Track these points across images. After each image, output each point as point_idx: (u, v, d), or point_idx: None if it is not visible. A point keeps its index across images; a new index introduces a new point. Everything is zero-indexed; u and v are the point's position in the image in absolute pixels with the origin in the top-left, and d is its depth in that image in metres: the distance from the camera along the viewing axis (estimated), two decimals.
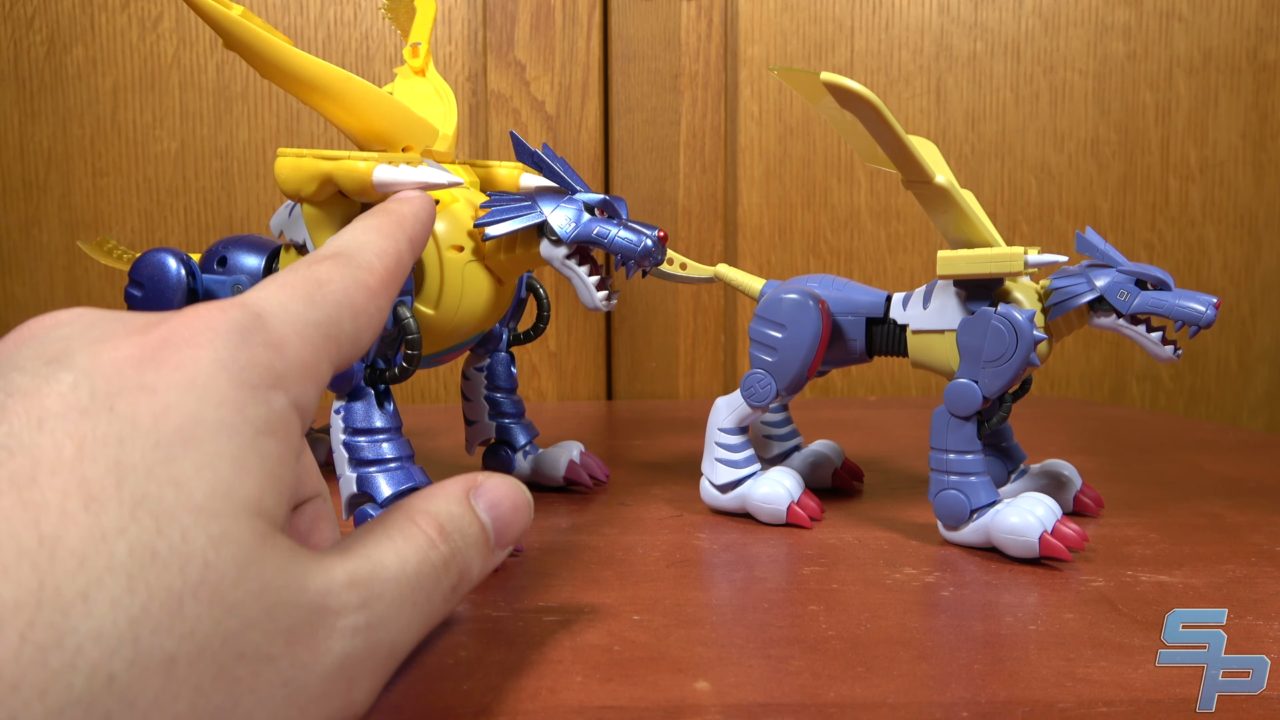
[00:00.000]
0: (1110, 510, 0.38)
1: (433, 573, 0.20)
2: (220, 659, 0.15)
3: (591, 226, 0.33)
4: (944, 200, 0.33)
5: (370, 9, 0.69)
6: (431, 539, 0.21)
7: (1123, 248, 0.72)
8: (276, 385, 0.18)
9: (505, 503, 0.23)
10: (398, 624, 0.19)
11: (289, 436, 0.18)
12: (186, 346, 0.17)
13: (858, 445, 0.51)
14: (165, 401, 0.16)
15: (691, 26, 0.70)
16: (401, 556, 0.20)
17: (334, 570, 0.18)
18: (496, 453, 0.42)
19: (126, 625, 0.14)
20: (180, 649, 0.15)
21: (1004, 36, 0.71)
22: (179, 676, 0.15)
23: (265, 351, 0.18)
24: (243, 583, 0.16)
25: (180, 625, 0.15)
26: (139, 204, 0.70)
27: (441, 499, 0.22)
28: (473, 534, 0.22)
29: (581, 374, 0.73)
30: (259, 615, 0.16)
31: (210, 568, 0.16)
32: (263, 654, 0.16)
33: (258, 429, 0.17)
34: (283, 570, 0.17)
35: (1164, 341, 0.33)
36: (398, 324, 0.32)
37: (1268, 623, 0.27)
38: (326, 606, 0.17)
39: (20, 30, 0.68)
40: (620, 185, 0.71)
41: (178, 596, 0.15)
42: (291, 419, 0.18)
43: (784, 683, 0.23)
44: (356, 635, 0.18)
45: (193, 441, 0.16)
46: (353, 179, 0.30)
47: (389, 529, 0.21)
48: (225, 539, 0.16)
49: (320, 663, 0.17)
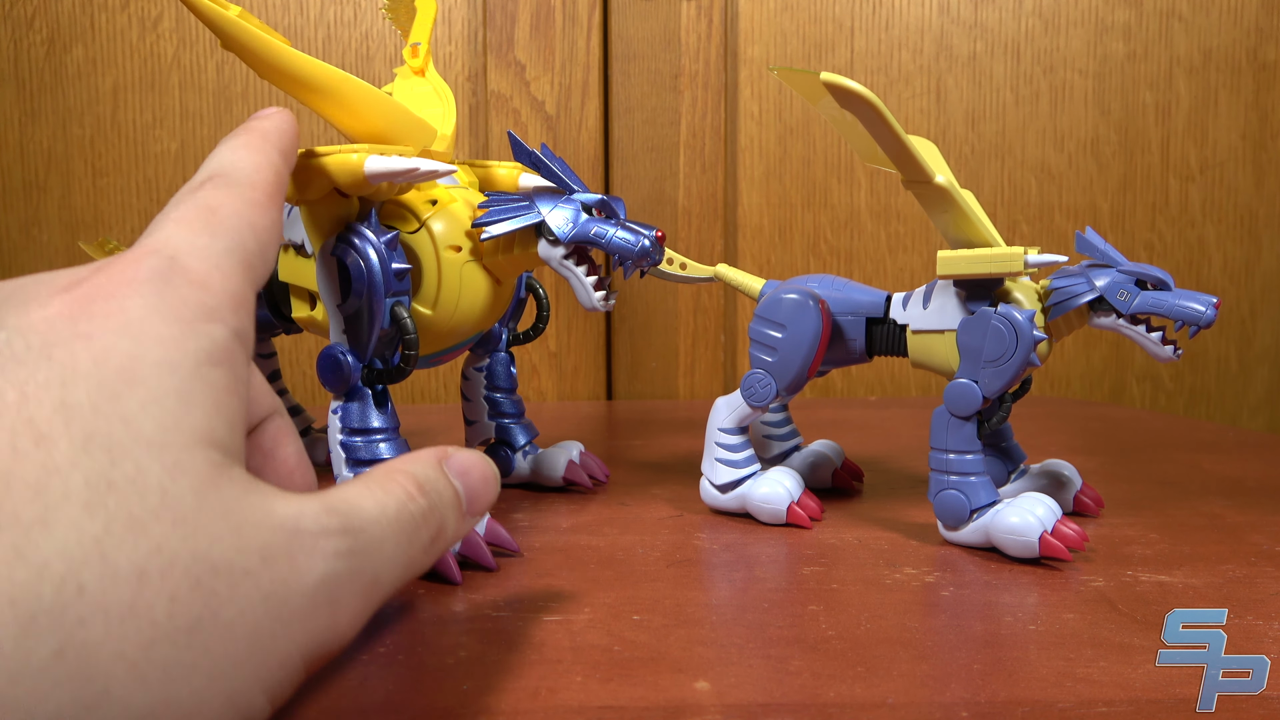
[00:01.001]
0: (1110, 510, 0.38)
1: (412, 520, 0.21)
2: (194, 572, 0.16)
3: (589, 227, 0.33)
4: (944, 200, 0.33)
5: (370, 9, 0.69)
6: (410, 492, 0.21)
7: (1123, 248, 0.72)
8: (211, 318, 0.18)
9: (474, 472, 0.23)
10: (381, 556, 0.19)
11: (234, 365, 0.18)
12: (113, 297, 0.18)
13: (858, 445, 0.51)
14: (103, 345, 0.17)
15: (691, 26, 0.70)
16: (381, 502, 0.20)
17: (304, 501, 0.18)
18: (496, 453, 0.42)
19: (91, 542, 0.15)
20: (149, 563, 0.15)
21: (1004, 36, 0.71)
22: (152, 586, 0.15)
23: (191, 290, 0.19)
24: (204, 508, 0.16)
25: (146, 542, 0.15)
26: (139, 204, 0.70)
27: (416, 462, 0.22)
28: (448, 495, 0.22)
29: (581, 374, 0.73)
30: (226, 533, 0.16)
31: (168, 495, 0.16)
32: (238, 568, 0.16)
33: (199, 360, 0.18)
34: (243, 498, 0.17)
35: (1164, 341, 0.33)
36: (395, 324, 0.32)
37: (1268, 623, 0.27)
38: (302, 528, 0.18)
39: (20, 30, 0.68)
40: (620, 185, 0.71)
41: (139, 520, 0.15)
42: (234, 348, 0.19)
43: (784, 683, 0.23)
44: (339, 559, 0.18)
45: (135, 379, 0.16)
46: (345, 171, 0.31)
47: (368, 482, 0.21)
48: (180, 469, 0.16)
49: (302, 580, 0.17)
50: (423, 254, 0.33)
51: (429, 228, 0.33)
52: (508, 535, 0.32)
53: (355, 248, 0.31)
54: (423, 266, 0.33)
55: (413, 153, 0.32)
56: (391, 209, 0.34)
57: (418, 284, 0.33)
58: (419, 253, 0.33)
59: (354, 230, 0.31)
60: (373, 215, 0.32)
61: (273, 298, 0.37)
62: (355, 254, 0.31)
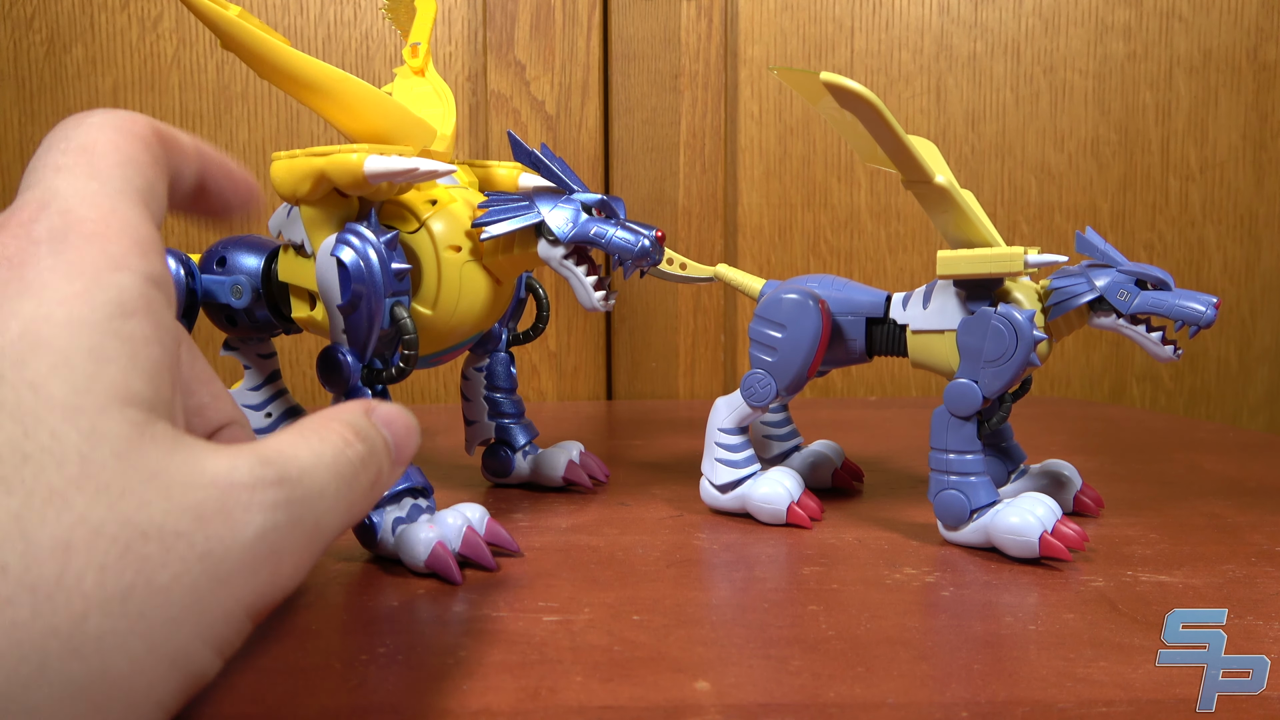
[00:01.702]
0: (1110, 510, 0.38)
1: (351, 465, 0.20)
2: (121, 539, 0.15)
3: (589, 227, 0.33)
4: (944, 200, 0.33)
5: (370, 9, 0.69)
6: (347, 438, 0.21)
7: (1123, 248, 0.72)
8: (116, 267, 0.17)
9: (398, 422, 0.23)
10: (323, 503, 0.19)
11: (151, 312, 0.18)
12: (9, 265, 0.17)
13: (858, 445, 0.51)
14: (3, 312, 0.16)
15: (691, 26, 0.70)
16: (316, 450, 0.20)
17: (236, 454, 0.18)
18: (496, 452, 0.42)
19: (9, 520, 0.14)
20: (73, 535, 0.15)
21: (1004, 36, 0.71)
22: (78, 559, 0.15)
23: (90, 241, 0.18)
24: (127, 471, 0.16)
25: (68, 514, 0.15)
26: None
27: (346, 411, 0.22)
28: (380, 442, 0.22)
29: (581, 374, 0.73)
30: (155, 497, 0.16)
31: (88, 461, 0.15)
32: (169, 531, 0.16)
33: (109, 314, 0.17)
34: (169, 457, 0.16)
35: (1164, 341, 0.33)
36: (394, 324, 0.32)
37: (1268, 623, 0.27)
38: (235, 483, 0.17)
39: (20, 30, 0.68)
40: (620, 185, 0.71)
41: (59, 491, 0.15)
42: (148, 293, 0.18)
43: (784, 683, 0.23)
44: (277, 509, 0.18)
45: (40, 342, 0.16)
46: (345, 171, 0.31)
47: (301, 431, 0.20)
48: (97, 432, 0.16)
49: (239, 536, 0.17)
50: (422, 254, 0.33)
51: (429, 228, 0.33)
52: (508, 535, 0.32)
53: (355, 248, 0.31)
54: (422, 266, 0.33)
55: (412, 153, 0.32)
56: (391, 209, 0.34)
57: (417, 284, 0.33)
58: (419, 253, 0.33)
59: (354, 230, 0.31)
60: (372, 215, 0.32)
61: (273, 298, 0.37)
62: (355, 254, 0.31)
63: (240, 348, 0.42)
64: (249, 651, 0.25)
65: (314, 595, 0.29)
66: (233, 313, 0.38)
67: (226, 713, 0.22)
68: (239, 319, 0.38)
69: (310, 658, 0.25)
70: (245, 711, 0.22)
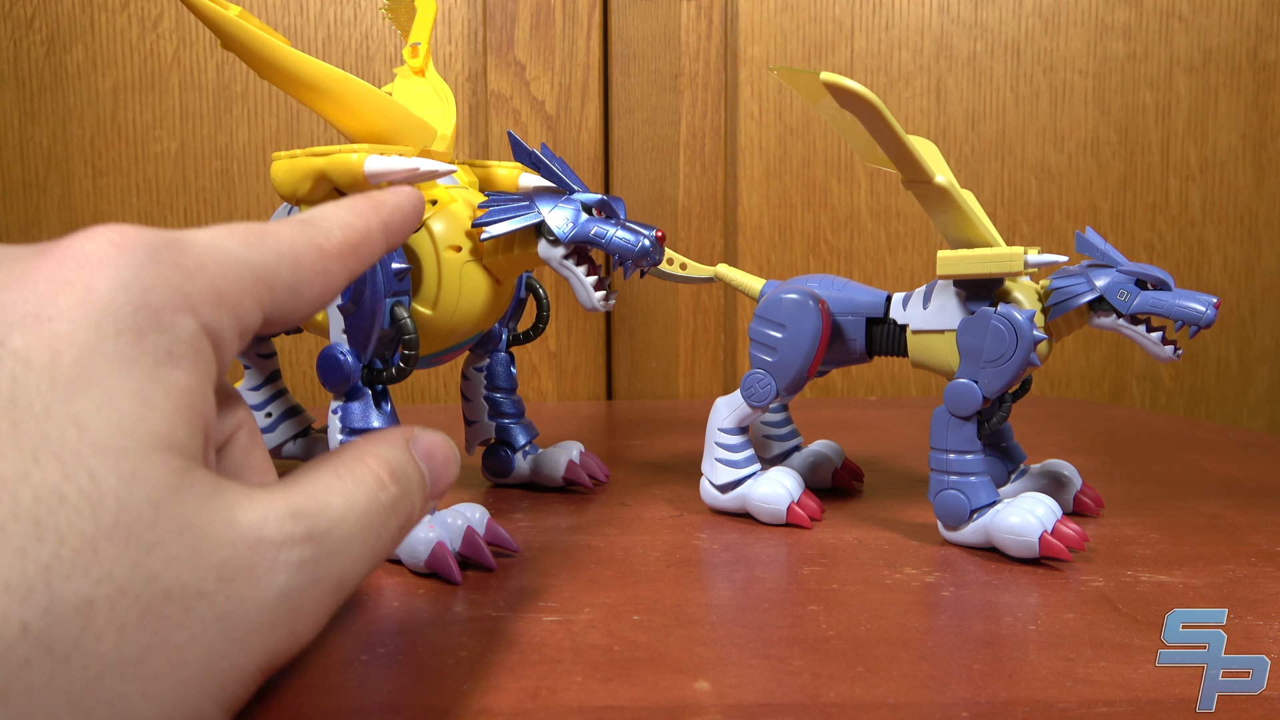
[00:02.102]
0: (1110, 510, 0.38)
1: (382, 512, 0.20)
2: (144, 599, 0.15)
3: (589, 227, 0.33)
4: (944, 200, 0.33)
5: (370, 9, 0.69)
6: (382, 480, 0.20)
7: (1123, 248, 0.72)
8: (183, 308, 0.17)
9: (438, 454, 0.23)
10: (347, 558, 0.19)
11: (198, 363, 0.17)
12: (87, 264, 0.16)
13: (858, 445, 0.51)
14: (59, 331, 0.15)
15: (691, 26, 0.70)
16: (349, 495, 0.19)
17: (272, 503, 0.17)
18: (496, 453, 0.42)
19: (37, 573, 0.14)
20: (98, 592, 0.14)
21: (1004, 36, 0.71)
22: (99, 619, 0.14)
23: (174, 273, 0.17)
24: (161, 522, 0.15)
25: (96, 569, 0.14)
26: (139, 204, 0.70)
27: (387, 444, 0.21)
28: (416, 479, 0.22)
29: (581, 374, 0.73)
30: (184, 553, 0.15)
31: (124, 509, 0.15)
32: (192, 590, 0.15)
33: (158, 360, 0.16)
34: (204, 506, 0.16)
35: (1164, 341, 0.33)
36: (395, 324, 0.32)
37: (1268, 623, 0.27)
38: (264, 539, 0.17)
39: (20, 30, 0.68)
40: (620, 185, 0.71)
41: (91, 541, 0.14)
42: (201, 344, 0.17)
43: (784, 683, 0.23)
44: (303, 569, 0.17)
45: (90, 377, 0.15)
46: (345, 171, 0.31)
47: (338, 468, 0.20)
48: (137, 478, 0.15)
49: (262, 596, 0.16)
50: (423, 254, 0.33)
51: (429, 228, 0.33)
52: (508, 535, 0.32)
53: None
54: (423, 266, 0.33)
55: (412, 153, 0.32)
56: None
57: (418, 284, 0.33)
58: (419, 253, 0.33)
59: None
60: None
61: None
62: None
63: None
64: None
65: None
66: None
67: None
68: None
69: (310, 658, 0.25)
70: (245, 711, 0.22)
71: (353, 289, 0.31)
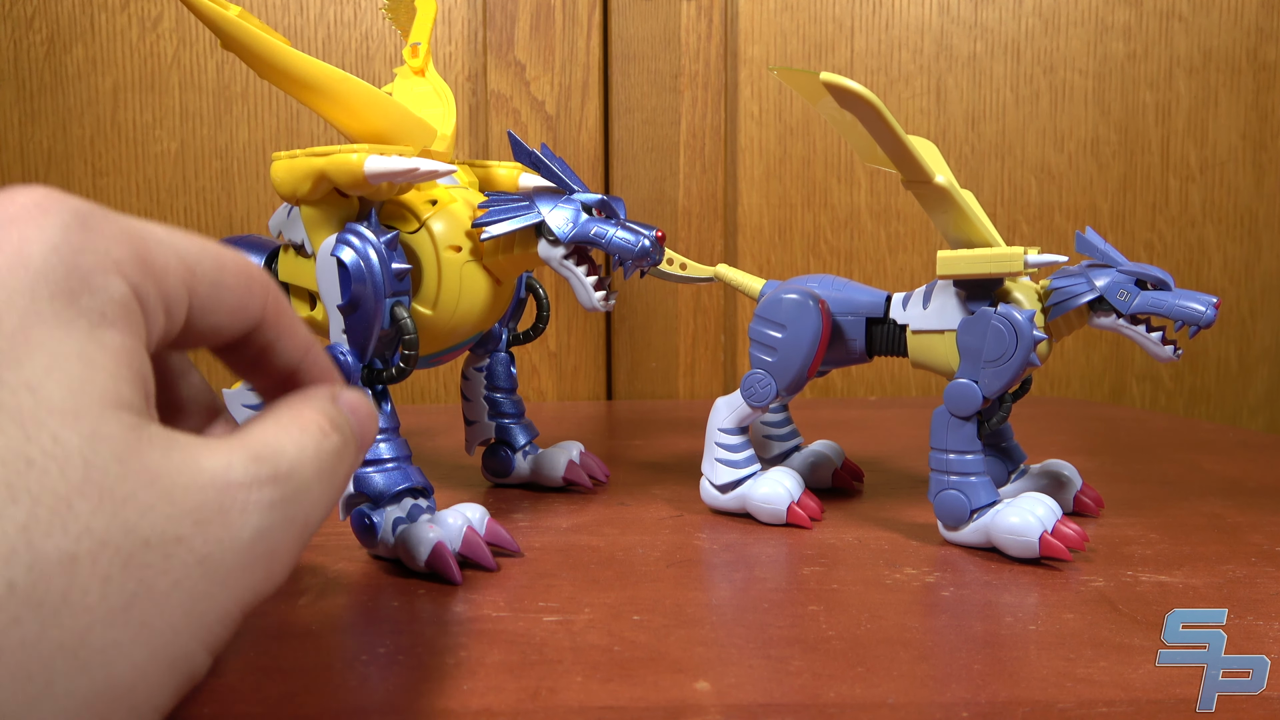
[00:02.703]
0: (1110, 510, 0.38)
1: (330, 457, 0.21)
2: (125, 549, 0.15)
3: (589, 227, 0.33)
4: (944, 200, 0.33)
5: (370, 9, 0.69)
6: (324, 429, 0.21)
7: (1123, 248, 0.72)
8: (112, 270, 0.17)
9: (361, 409, 0.23)
10: (309, 499, 0.19)
11: (130, 324, 0.17)
12: (17, 225, 0.16)
13: (858, 445, 0.51)
14: (1, 300, 0.15)
15: (691, 26, 0.70)
16: (300, 443, 0.20)
17: (232, 449, 0.18)
18: (496, 453, 0.42)
19: (16, 533, 0.14)
20: (79, 547, 0.15)
21: (1004, 36, 0.71)
22: (83, 572, 0.15)
23: (100, 238, 0.17)
24: (129, 475, 0.16)
25: (74, 525, 0.15)
26: (139, 204, 0.70)
27: (319, 399, 0.22)
28: (349, 431, 0.22)
29: (581, 374, 0.73)
30: (157, 501, 0.16)
31: (91, 466, 0.15)
32: (170, 537, 0.16)
33: (92, 321, 0.16)
34: (168, 457, 0.16)
35: (1164, 341, 0.33)
36: (395, 324, 0.32)
37: (1268, 623, 0.27)
38: (232, 482, 0.17)
39: (20, 30, 0.68)
40: (620, 185, 0.71)
41: (64, 499, 0.15)
42: (131, 305, 0.17)
43: (784, 683, 0.23)
44: (274, 509, 0.18)
45: (33, 342, 0.16)
46: (345, 171, 0.31)
47: (279, 419, 0.20)
48: (98, 436, 0.15)
49: (238, 537, 0.17)
50: (423, 254, 0.33)
51: (429, 228, 0.33)
52: (508, 535, 0.32)
53: (355, 248, 0.31)
54: (423, 267, 0.33)
55: (413, 153, 0.32)
56: (391, 209, 0.34)
57: (418, 284, 0.33)
58: (419, 253, 0.33)
59: (354, 230, 0.31)
60: (373, 215, 0.32)
61: None
62: (355, 254, 0.31)
63: None
64: (249, 651, 0.25)
65: (314, 595, 0.29)
66: None
67: (227, 713, 0.22)
68: None
69: (310, 658, 0.25)
70: (246, 711, 0.22)
71: (352, 289, 0.31)
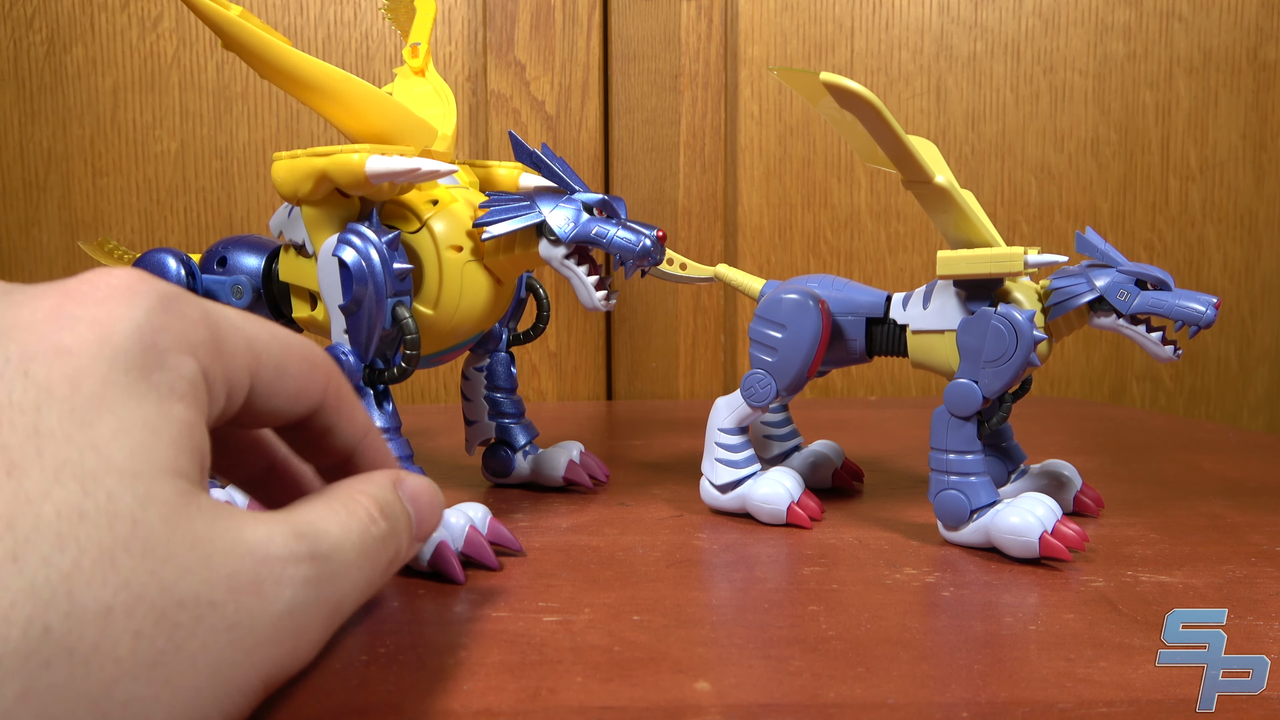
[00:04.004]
0: (1110, 510, 0.38)
1: (375, 544, 0.21)
2: (159, 606, 0.16)
3: (590, 226, 0.33)
4: (944, 200, 0.33)
5: (370, 9, 0.69)
6: (373, 515, 0.22)
7: (1123, 248, 0.72)
8: (186, 351, 0.18)
9: (424, 497, 0.24)
10: (347, 582, 0.20)
11: (197, 401, 0.18)
12: (106, 303, 0.17)
13: (858, 445, 0.51)
14: (79, 365, 0.16)
15: (691, 26, 0.70)
16: (345, 524, 0.20)
17: (274, 524, 0.18)
18: (496, 453, 0.42)
19: (59, 580, 0.15)
20: (116, 599, 0.15)
21: (1004, 36, 0.71)
22: (117, 624, 0.15)
23: (180, 320, 0.18)
24: (173, 537, 0.16)
25: (114, 577, 0.15)
26: (139, 204, 0.70)
27: (375, 484, 0.23)
28: (403, 519, 0.23)
29: (581, 374, 0.73)
30: (195, 564, 0.16)
31: (139, 524, 0.16)
32: (204, 600, 0.16)
33: (162, 395, 0.17)
34: (213, 524, 0.17)
35: (1164, 341, 0.33)
36: (396, 324, 0.32)
37: (1268, 623, 0.27)
38: (270, 555, 0.18)
39: (20, 30, 0.68)
40: (620, 185, 0.71)
41: (109, 552, 0.15)
42: (199, 385, 0.18)
43: (784, 683, 0.23)
44: (307, 586, 0.18)
45: (105, 407, 0.16)
46: (346, 171, 0.31)
47: (331, 503, 0.21)
48: (151, 498, 0.16)
49: (269, 610, 0.18)
50: (424, 254, 0.33)
51: (430, 228, 0.33)
52: (510, 535, 0.33)
53: (356, 248, 0.31)
54: (424, 266, 0.33)
55: (414, 153, 0.32)
56: (393, 209, 0.34)
57: (419, 284, 0.33)
58: (420, 253, 0.33)
59: (355, 230, 0.31)
60: (374, 215, 0.32)
61: (273, 298, 0.37)
62: (356, 254, 0.31)
63: None
64: None
65: None
66: None
67: None
68: None
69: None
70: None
71: (353, 289, 0.31)
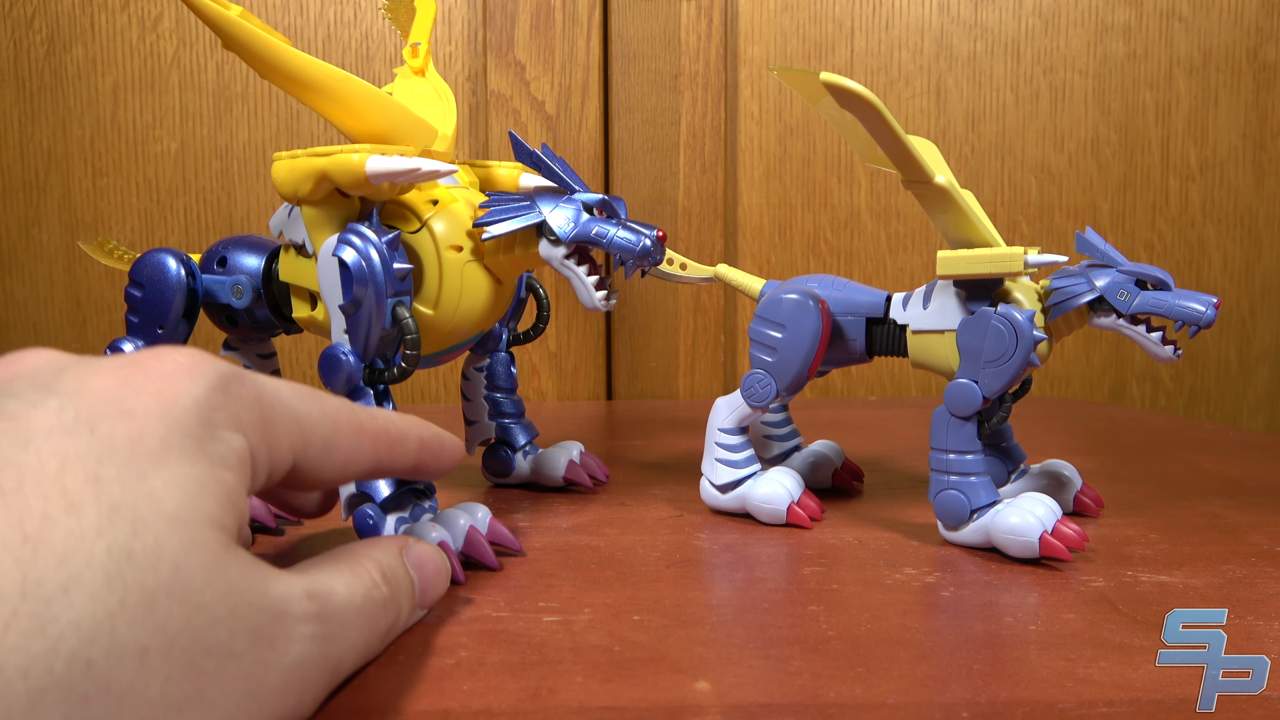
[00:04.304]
0: (1110, 510, 0.38)
1: (375, 608, 0.23)
2: (189, 652, 0.17)
3: (590, 226, 0.33)
4: (944, 200, 0.33)
5: (370, 9, 0.69)
6: (376, 580, 0.23)
7: (1123, 248, 0.72)
8: (237, 429, 0.20)
9: (429, 565, 0.26)
10: (347, 642, 0.21)
11: (242, 473, 0.20)
12: (171, 378, 0.19)
13: (858, 445, 0.51)
14: (141, 427, 0.18)
15: (691, 26, 0.70)
16: (350, 587, 0.22)
17: (292, 582, 0.20)
18: (496, 453, 0.42)
19: (104, 617, 0.15)
20: (153, 641, 0.16)
21: (1004, 36, 0.71)
22: (152, 666, 0.16)
23: (235, 401, 0.20)
24: (210, 584, 0.17)
25: (153, 619, 0.16)
26: (139, 204, 0.70)
27: (382, 550, 0.24)
28: (406, 586, 0.25)
29: (581, 374, 0.73)
30: (225, 614, 0.17)
31: (181, 569, 0.17)
32: (228, 650, 0.17)
33: (213, 462, 0.19)
34: (245, 575, 0.18)
35: (1164, 341, 0.33)
36: (396, 324, 0.32)
37: (1268, 623, 0.27)
38: (286, 611, 0.19)
39: (20, 30, 0.68)
40: (620, 185, 0.71)
41: (151, 594, 0.16)
42: (245, 459, 0.20)
43: (784, 683, 0.23)
44: (314, 643, 0.20)
45: (161, 463, 0.18)
46: (346, 171, 0.31)
47: (338, 564, 0.22)
48: (194, 545, 0.17)
49: (279, 663, 0.19)
50: (424, 254, 0.33)
51: (430, 228, 0.33)
52: (511, 535, 0.33)
53: (357, 248, 0.31)
54: (424, 266, 0.33)
55: (414, 153, 0.32)
56: (393, 209, 0.34)
57: (419, 284, 0.33)
58: (420, 253, 0.33)
59: (355, 230, 0.31)
60: (374, 215, 0.32)
61: (273, 298, 0.37)
62: (357, 254, 0.31)
63: (240, 348, 0.42)
64: None
65: None
66: (233, 313, 0.38)
67: None
68: (239, 319, 0.38)
69: None
70: None
71: (353, 289, 0.31)
